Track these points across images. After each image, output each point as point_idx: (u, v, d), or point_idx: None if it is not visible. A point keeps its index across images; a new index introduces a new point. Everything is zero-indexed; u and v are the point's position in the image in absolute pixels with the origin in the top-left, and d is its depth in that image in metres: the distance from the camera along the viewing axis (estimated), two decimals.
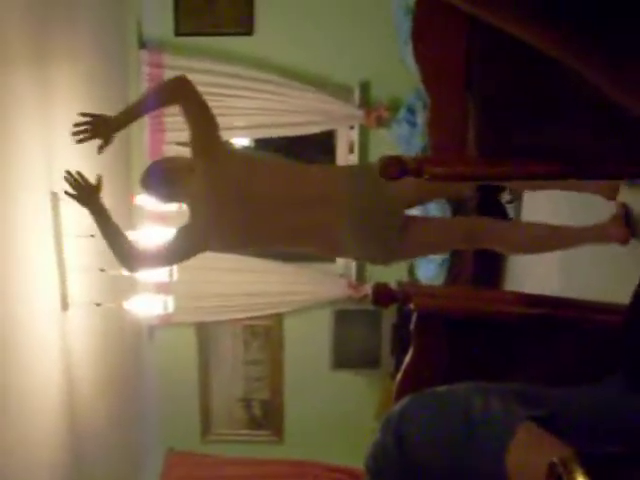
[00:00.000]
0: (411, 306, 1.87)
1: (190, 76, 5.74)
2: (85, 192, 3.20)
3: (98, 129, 3.04)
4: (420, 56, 1.90)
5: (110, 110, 3.16)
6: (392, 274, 5.11)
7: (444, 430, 1.38)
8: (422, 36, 1.95)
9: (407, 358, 1.94)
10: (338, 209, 3.04)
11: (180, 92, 3.09)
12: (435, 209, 5.07)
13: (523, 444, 1.27)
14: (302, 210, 3.05)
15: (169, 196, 3.28)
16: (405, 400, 1.62)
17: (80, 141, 3.07)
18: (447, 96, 1.76)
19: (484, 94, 1.66)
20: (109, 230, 3.21)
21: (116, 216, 4.61)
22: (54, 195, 3.85)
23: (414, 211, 4.60)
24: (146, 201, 4.27)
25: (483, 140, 1.74)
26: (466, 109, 1.76)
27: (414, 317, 1.89)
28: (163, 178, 3.22)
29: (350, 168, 4.00)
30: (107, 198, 4.36)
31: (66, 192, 3.27)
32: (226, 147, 3.34)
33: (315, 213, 3.04)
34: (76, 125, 3.05)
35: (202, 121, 3.09)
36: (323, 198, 3.06)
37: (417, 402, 1.49)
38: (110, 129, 3.06)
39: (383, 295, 1.84)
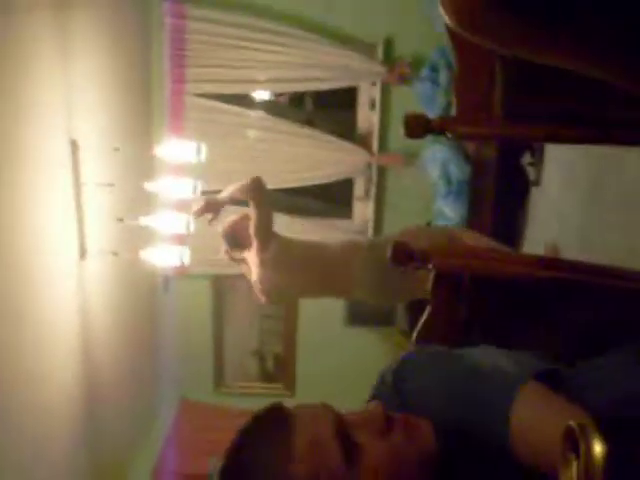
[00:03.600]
0: (429, 266, 1.87)
1: (212, 28, 5.68)
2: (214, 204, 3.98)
3: (210, 207, 3.93)
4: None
5: (130, 61, 3.17)
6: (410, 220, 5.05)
7: (443, 382, 1.36)
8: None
9: (424, 315, 1.95)
10: (356, 267, 3.86)
11: (253, 191, 3.82)
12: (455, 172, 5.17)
13: (529, 405, 1.23)
14: (329, 267, 3.93)
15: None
16: (413, 348, 1.62)
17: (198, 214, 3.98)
18: (475, 55, 1.74)
19: (514, 58, 1.63)
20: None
21: (136, 166, 4.64)
22: (73, 143, 3.85)
23: None
24: (165, 152, 4.28)
25: (510, 100, 1.72)
26: (494, 68, 1.74)
27: (432, 276, 1.88)
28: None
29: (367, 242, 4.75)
30: (127, 148, 4.38)
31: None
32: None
33: (338, 270, 3.92)
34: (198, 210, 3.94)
35: (263, 213, 3.84)
36: (345, 261, 3.91)
37: (423, 353, 1.49)
38: (217, 205, 3.93)
39: (401, 254, 1.83)
